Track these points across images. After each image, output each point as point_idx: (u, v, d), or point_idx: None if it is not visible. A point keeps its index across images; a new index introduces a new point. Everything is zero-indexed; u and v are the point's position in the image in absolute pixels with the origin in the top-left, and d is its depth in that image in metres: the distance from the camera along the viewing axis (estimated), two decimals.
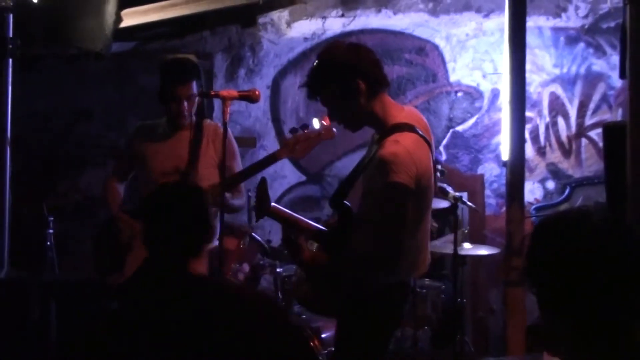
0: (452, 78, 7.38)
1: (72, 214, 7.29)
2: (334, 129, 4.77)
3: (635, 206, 2.86)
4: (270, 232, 7.19)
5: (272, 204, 3.98)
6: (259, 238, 5.54)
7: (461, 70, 7.36)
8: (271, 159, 5.00)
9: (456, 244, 5.51)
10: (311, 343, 4.96)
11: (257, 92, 4.64)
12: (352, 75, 3.58)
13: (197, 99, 5.17)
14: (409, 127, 3.60)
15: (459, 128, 7.35)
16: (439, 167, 6.14)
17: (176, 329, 2.91)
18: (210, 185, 4.93)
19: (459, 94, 7.37)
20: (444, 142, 7.34)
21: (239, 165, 5.31)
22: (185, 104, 5.11)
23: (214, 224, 5.19)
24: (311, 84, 3.70)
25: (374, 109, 3.66)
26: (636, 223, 2.90)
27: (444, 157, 6.99)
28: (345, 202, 3.78)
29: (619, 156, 2.97)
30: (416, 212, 3.60)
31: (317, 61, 3.71)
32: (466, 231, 6.25)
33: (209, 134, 5.22)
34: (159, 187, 3.32)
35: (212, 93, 4.81)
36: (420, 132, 3.64)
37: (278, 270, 5.63)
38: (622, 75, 3.00)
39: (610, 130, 3.70)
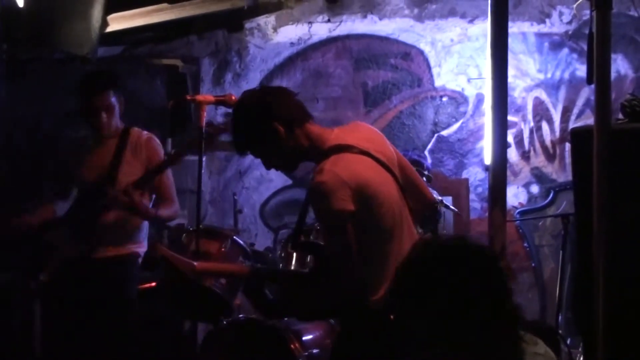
0: (437, 83, 7.39)
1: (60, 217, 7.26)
2: None
3: (602, 211, 2.87)
4: (257, 236, 7.21)
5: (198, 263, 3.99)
6: (240, 242, 5.51)
7: (446, 75, 7.38)
8: (180, 155, 4.95)
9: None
10: (292, 345, 4.95)
11: (232, 97, 4.64)
12: (267, 120, 3.52)
13: (117, 108, 5.12)
14: (335, 149, 3.51)
15: (444, 132, 7.36)
16: (426, 172, 6.17)
17: None
18: (124, 186, 4.88)
19: (444, 99, 7.39)
20: (429, 146, 7.36)
21: (168, 177, 5.22)
22: (104, 114, 5.06)
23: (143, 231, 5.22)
24: (235, 140, 3.64)
25: (300, 144, 3.57)
26: (603, 229, 2.90)
27: (428, 161, 6.98)
28: (309, 241, 3.79)
29: (586, 161, 2.97)
30: (373, 227, 3.49)
31: (232, 117, 3.65)
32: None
33: (133, 142, 5.17)
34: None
35: (188, 98, 4.82)
36: (355, 146, 3.55)
37: None
38: (589, 82, 2.99)
39: (577, 135, 3.70)
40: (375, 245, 3.49)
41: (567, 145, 7.22)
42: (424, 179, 6.17)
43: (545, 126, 7.29)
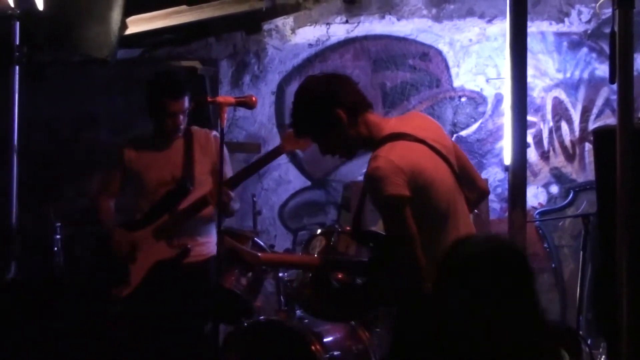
0: (456, 83, 7.38)
1: (80, 219, 7.29)
2: None
3: (624, 210, 2.87)
4: (276, 237, 7.22)
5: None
6: (261, 243, 5.54)
7: (465, 75, 7.36)
8: (275, 153, 5.03)
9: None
10: (313, 347, 4.96)
11: (253, 99, 4.68)
12: (330, 107, 3.61)
13: (188, 111, 5.20)
14: (391, 137, 3.60)
15: (463, 133, 7.35)
16: None
17: None
18: (211, 188, 4.99)
19: (463, 99, 7.37)
20: None
21: (230, 172, 5.33)
22: (181, 117, 5.14)
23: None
24: (295, 124, 3.75)
25: (360, 133, 3.68)
26: (625, 226, 2.90)
27: None
28: (369, 230, 3.85)
29: (609, 160, 2.97)
30: (429, 214, 3.57)
31: (294, 100, 3.74)
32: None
33: (200, 140, 5.24)
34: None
35: (209, 99, 4.85)
36: (411, 134, 3.62)
37: (280, 274, 5.64)
38: (612, 81, 3.00)
39: (600, 134, 3.70)
40: (430, 233, 3.57)
41: (587, 145, 7.20)
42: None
43: (564, 126, 7.27)
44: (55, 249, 6.20)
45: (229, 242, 4.40)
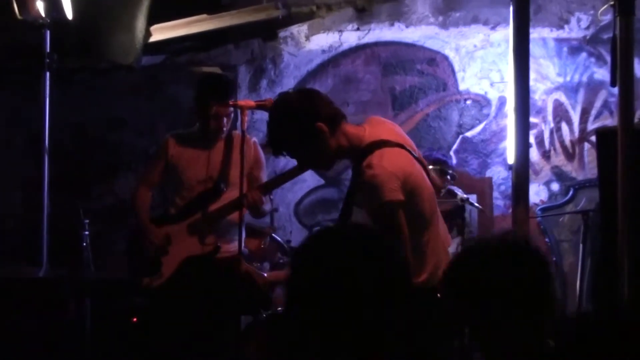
0: (462, 87, 7.37)
1: (107, 216, 7.34)
2: None
3: (626, 209, 2.86)
4: (292, 233, 7.23)
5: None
6: (278, 238, 5.57)
7: (470, 79, 7.35)
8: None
9: (464, 245, 5.50)
10: None
11: (272, 101, 4.66)
12: (312, 121, 3.53)
13: (232, 115, 5.20)
14: (376, 145, 3.56)
15: (468, 134, 7.34)
16: (450, 171, 6.16)
17: None
18: (249, 191, 4.95)
19: (468, 102, 7.36)
20: (454, 147, 7.33)
21: (264, 175, 5.33)
22: (226, 120, 5.12)
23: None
24: (275, 142, 3.64)
25: (340, 143, 3.61)
26: (628, 225, 2.89)
27: (454, 162, 6.94)
28: None
29: (611, 160, 2.96)
30: (416, 216, 3.58)
31: (271, 117, 3.66)
32: (472, 234, 6.26)
33: (238, 144, 5.23)
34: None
35: (231, 103, 4.84)
36: (391, 141, 3.61)
37: None
38: (612, 84, 2.99)
39: (602, 135, 3.70)
40: (417, 233, 3.57)
41: (586, 145, 7.18)
42: (448, 177, 6.17)
43: (564, 127, 7.25)
44: (84, 244, 6.20)
45: (246, 266, 4.40)
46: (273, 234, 5.66)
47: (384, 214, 3.45)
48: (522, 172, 5.84)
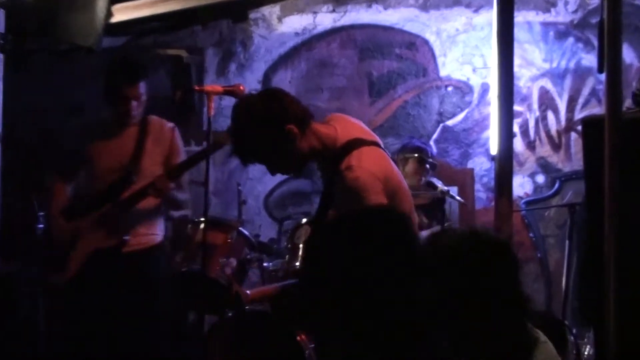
0: (443, 72, 7.37)
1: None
2: None
3: (613, 200, 2.83)
4: (261, 227, 7.19)
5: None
6: (246, 232, 5.53)
7: (451, 64, 7.35)
8: (215, 147, 4.88)
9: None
10: (298, 337, 4.93)
11: (241, 88, 4.62)
12: (280, 124, 3.46)
13: (144, 98, 5.10)
14: (352, 145, 3.52)
15: (449, 122, 7.34)
16: (430, 160, 6.15)
17: None
18: (155, 177, 4.91)
19: (449, 89, 7.36)
20: (434, 136, 7.33)
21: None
22: (134, 104, 5.04)
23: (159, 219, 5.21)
24: (240, 151, 3.56)
25: (312, 145, 3.55)
26: (614, 219, 2.87)
27: (434, 151, 6.94)
28: None
29: (598, 151, 2.93)
30: None
31: (236, 125, 3.56)
32: (452, 225, 6.25)
33: (155, 131, 5.16)
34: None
35: (197, 88, 4.78)
36: (366, 139, 3.59)
37: (265, 264, 5.64)
38: (600, 70, 2.96)
39: (589, 124, 3.67)
40: None
41: (573, 135, 7.20)
42: (427, 166, 6.17)
43: (550, 116, 7.27)
44: (38, 238, 6.11)
45: (237, 287, 4.46)
46: (240, 228, 5.61)
47: None
48: (505, 163, 5.84)
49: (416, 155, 6.30)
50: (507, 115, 5.83)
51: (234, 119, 3.59)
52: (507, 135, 5.82)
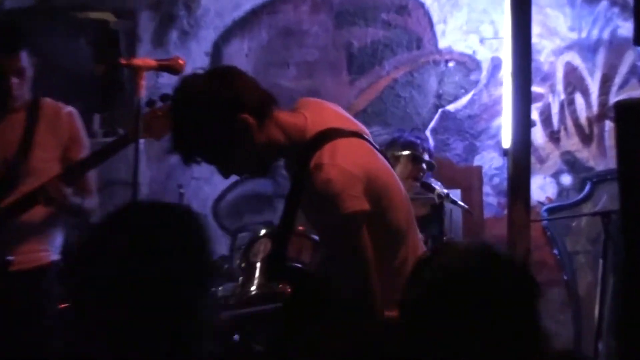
0: (442, 44, 7.38)
1: None
2: None
3: None
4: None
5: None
6: None
7: (453, 34, 7.37)
8: (121, 142, 4.80)
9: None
10: None
11: (180, 61, 4.58)
12: (233, 113, 3.42)
13: (29, 73, 4.99)
14: (325, 136, 3.49)
15: (450, 107, 7.36)
16: (426, 157, 6.12)
17: None
18: (47, 179, 4.78)
19: (450, 64, 7.38)
20: (432, 124, 7.35)
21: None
22: (15, 80, 4.95)
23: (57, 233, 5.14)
24: (181, 145, 3.51)
25: (274, 138, 3.52)
26: None
27: (431, 145, 6.91)
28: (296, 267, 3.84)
29: (634, 142, 2.91)
30: (388, 228, 3.55)
31: (175, 114, 3.53)
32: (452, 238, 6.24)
33: (49, 117, 5.06)
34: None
35: (122, 62, 4.72)
36: (343, 129, 3.55)
37: (213, 289, 5.57)
38: (636, 41, 2.93)
39: (624, 109, 3.64)
40: (389, 251, 3.56)
41: (608, 124, 7.22)
42: (423, 165, 6.14)
43: (579, 99, 7.29)
44: None
45: None
46: None
47: (345, 230, 3.39)
48: (521, 160, 5.84)
49: (409, 152, 6.25)
50: (523, 98, 5.82)
51: (172, 105, 3.56)
52: (523, 124, 5.82)
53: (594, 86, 7.25)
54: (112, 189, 6.60)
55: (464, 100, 7.35)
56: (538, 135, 7.15)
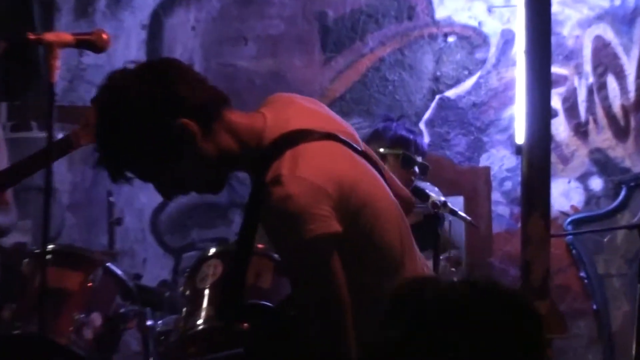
0: (439, 14, 7.44)
1: None
2: None
3: None
4: (146, 262, 7.17)
5: None
6: (118, 272, 5.49)
7: (454, 1, 7.42)
8: (63, 147, 4.90)
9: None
10: None
11: (104, 36, 4.58)
12: (170, 119, 3.38)
13: None
14: (287, 141, 3.45)
15: (450, 93, 7.41)
16: (419, 159, 6.14)
17: None
18: None
19: (450, 39, 7.43)
20: (427, 115, 7.40)
21: (3, 161, 5.26)
22: None
23: None
24: (106, 156, 3.47)
25: (223, 146, 3.48)
26: None
27: (426, 141, 6.94)
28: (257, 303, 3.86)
29: None
30: (372, 248, 3.49)
31: (98, 119, 3.48)
32: (458, 257, 6.27)
33: None
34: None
35: (31, 37, 4.74)
36: (313, 130, 3.51)
37: (149, 322, 5.59)
38: None
39: None
40: (376, 281, 3.47)
41: None
42: (416, 169, 6.14)
43: (612, 83, 7.34)
44: None
45: None
46: (109, 264, 5.59)
47: (308, 260, 3.33)
48: (539, 160, 5.89)
49: (400, 152, 6.25)
50: (541, 82, 5.87)
51: (97, 108, 3.50)
52: (542, 115, 5.87)
53: (630, 66, 7.31)
54: (27, 196, 6.60)
55: (468, 84, 7.41)
56: (560, 128, 7.21)
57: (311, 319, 3.41)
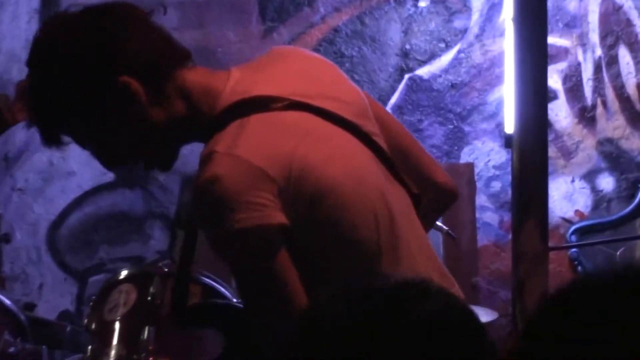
0: None
1: None
2: None
3: None
4: (42, 287, 7.16)
5: None
6: (6, 301, 5.49)
7: None
8: None
9: None
10: None
11: None
12: (106, 74, 3.40)
13: None
14: (239, 109, 3.43)
15: (423, 71, 7.44)
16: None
17: None
18: None
19: (422, 4, 7.44)
20: (394, 99, 7.41)
21: None
22: None
23: None
24: (38, 115, 3.53)
25: (174, 113, 3.49)
26: None
27: None
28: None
29: None
30: (333, 247, 3.47)
31: (30, 67, 3.54)
32: None
33: None
34: None
35: None
36: (278, 97, 3.47)
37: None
38: None
39: None
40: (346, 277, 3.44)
41: None
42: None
43: (625, 57, 7.37)
44: None
45: None
46: None
47: (239, 253, 3.35)
48: (534, 153, 5.90)
49: None
50: (536, 56, 5.88)
51: (29, 59, 3.55)
52: (536, 97, 5.87)
53: None
54: None
55: (444, 60, 7.43)
56: (561, 113, 7.23)
57: (254, 316, 3.51)
